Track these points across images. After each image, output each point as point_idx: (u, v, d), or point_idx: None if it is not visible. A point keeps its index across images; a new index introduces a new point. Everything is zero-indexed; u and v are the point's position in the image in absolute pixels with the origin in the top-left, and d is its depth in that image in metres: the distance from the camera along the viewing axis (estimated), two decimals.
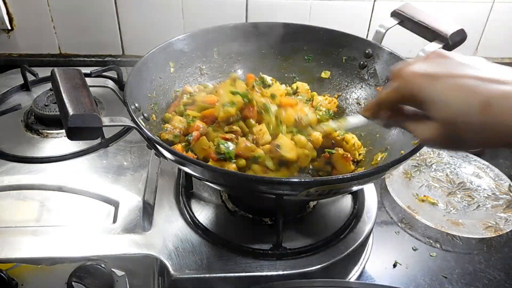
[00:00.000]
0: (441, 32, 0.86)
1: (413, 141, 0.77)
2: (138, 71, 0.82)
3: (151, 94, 0.86)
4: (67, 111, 0.61)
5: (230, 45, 1.01)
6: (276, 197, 0.67)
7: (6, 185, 0.86)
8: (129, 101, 0.74)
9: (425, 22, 0.89)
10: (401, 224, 1.00)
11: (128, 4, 1.26)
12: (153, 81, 0.88)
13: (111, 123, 0.64)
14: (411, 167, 1.15)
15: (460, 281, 0.87)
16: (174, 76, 0.93)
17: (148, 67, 0.86)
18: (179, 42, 0.94)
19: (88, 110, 0.62)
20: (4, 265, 0.72)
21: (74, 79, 0.68)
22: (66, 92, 0.64)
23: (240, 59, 1.02)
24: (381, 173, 0.67)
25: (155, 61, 0.88)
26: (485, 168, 1.15)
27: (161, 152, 0.67)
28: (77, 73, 0.70)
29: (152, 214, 0.82)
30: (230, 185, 0.72)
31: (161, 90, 0.90)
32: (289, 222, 0.82)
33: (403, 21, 0.93)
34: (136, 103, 0.78)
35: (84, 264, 0.72)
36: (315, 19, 1.29)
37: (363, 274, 0.87)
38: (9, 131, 1.02)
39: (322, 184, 0.62)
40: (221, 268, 0.73)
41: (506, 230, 0.96)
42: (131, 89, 0.77)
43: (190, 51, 0.96)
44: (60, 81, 0.67)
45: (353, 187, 0.73)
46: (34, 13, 1.26)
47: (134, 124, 0.67)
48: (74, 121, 0.60)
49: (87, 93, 0.65)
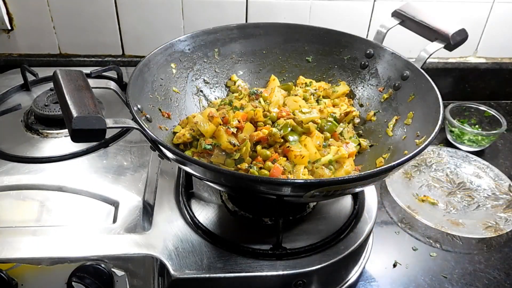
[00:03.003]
0: (443, 32, 0.86)
1: (416, 140, 0.77)
2: (139, 72, 0.82)
3: (153, 95, 0.86)
4: (71, 113, 0.60)
5: (231, 46, 1.01)
6: (277, 198, 0.67)
7: (6, 185, 0.86)
8: (131, 102, 0.73)
9: (426, 22, 0.89)
10: (401, 224, 1.00)
11: (128, 4, 1.26)
12: (154, 82, 0.87)
13: (115, 125, 0.64)
14: (411, 167, 1.15)
15: (460, 281, 0.87)
16: (176, 77, 0.93)
17: (149, 68, 0.86)
18: (180, 43, 0.93)
19: (92, 112, 0.61)
20: (4, 265, 0.72)
21: (76, 81, 0.67)
22: (69, 94, 0.64)
23: (241, 60, 1.02)
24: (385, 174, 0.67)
25: (157, 62, 0.88)
26: (485, 168, 1.15)
27: (165, 153, 0.67)
28: (80, 75, 0.69)
29: (152, 214, 0.82)
30: (231, 185, 0.72)
31: (163, 91, 0.89)
32: (289, 222, 0.82)
33: (404, 21, 0.93)
34: (138, 105, 0.78)
35: (84, 264, 0.72)
36: (315, 19, 1.29)
37: (363, 274, 0.87)
38: (9, 131, 1.02)
39: (324, 186, 0.62)
40: (221, 268, 0.73)
41: (506, 230, 0.96)
42: (133, 90, 0.77)
43: (191, 52, 0.96)
44: (63, 82, 0.66)
45: (356, 188, 0.73)
46: (34, 13, 1.26)
47: (138, 125, 0.67)
48: (78, 123, 0.60)
49: (90, 95, 0.65)
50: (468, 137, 1.21)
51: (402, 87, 0.89)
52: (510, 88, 1.47)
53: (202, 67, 0.99)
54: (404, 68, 0.89)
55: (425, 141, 0.69)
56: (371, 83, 0.96)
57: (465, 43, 0.88)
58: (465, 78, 1.43)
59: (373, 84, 0.96)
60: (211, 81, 1.00)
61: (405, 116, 0.86)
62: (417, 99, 0.85)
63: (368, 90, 0.97)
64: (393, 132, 0.87)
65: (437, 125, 0.72)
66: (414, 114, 0.84)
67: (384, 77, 0.94)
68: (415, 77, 0.86)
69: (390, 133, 0.87)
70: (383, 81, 0.94)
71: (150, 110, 0.83)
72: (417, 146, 0.70)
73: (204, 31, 0.97)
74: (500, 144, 1.29)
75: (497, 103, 1.47)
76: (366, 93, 0.97)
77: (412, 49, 1.19)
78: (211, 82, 1.00)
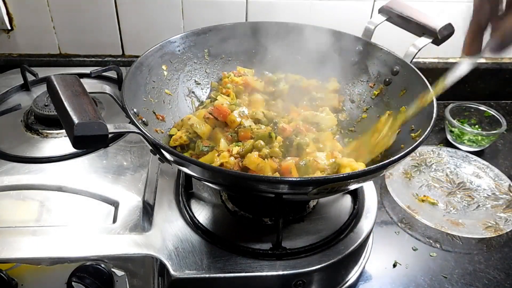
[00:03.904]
0: (430, 27, 0.86)
1: (412, 134, 0.77)
2: (132, 75, 0.82)
3: (146, 98, 0.86)
4: (72, 120, 0.59)
5: (221, 46, 1.01)
6: (275, 196, 0.67)
7: (6, 185, 0.86)
8: (128, 106, 0.73)
9: (413, 17, 0.89)
10: (401, 224, 1.00)
11: (128, 4, 1.26)
12: (147, 84, 0.87)
13: (116, 130, 0.63)
14: (411, 167, 1.15)
15: (460, 281, 0.87)
16: (168, 79, 0.93)
17: (141, 70, 0.86)
18: (170, 45, 0.93)
19: (92, 117, 0.60)
20: (4, 265, 0.72)
21: (73, 86, 0.66)
22: (68, 100, 0.62)
23: (231, 60, 1.02)
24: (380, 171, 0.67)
25: (148, 64, 0.88)
26: (485, 168, 1.15)
27: (166, 156, 0.67)
28: (75, 80, 0.68)
29: (152, 214, 0.82)
30: (228, 184, 0.72)
31: (155, 93, 0.89)
32: (289, 222, 0.82)
33: (391, 17, 0.93)
34: (134, 108, 0.78)
35: (84, 264, 0.72)
36: (315, 19, 1.29)
37: (363, 274, 0.87)
38: (9, 131, 1.02)
39: (321, 184, 0.62)
40: (221, 268, 0.73)
41: (506, 230, 0.96)
42: (127, 94, 0.76)
43: (182, 53, 0.96)
44: (59, 88, 0.65)
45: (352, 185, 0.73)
46: (34, 13, 1.26)
47: (139, 130, 0.66)
48: (80, 130, 0.59)
49: (88, 100, 0.64)
50: (468, 137, 1.21)
51: (393, 82, 0.90)
52: (510, 88, 1.47)
53: (193, 68, 0.99)
54: (394, 63, 0.90)
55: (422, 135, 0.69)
56: (362, 79, 0.97)
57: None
58: (465, 78, 1.41)
59: (364, 80, 0.97)
60: (202, 82, 1.00)
61: (398, 110, 0.86)
62: (408, 93, 0.85)
63: (359, 86, 0.97)
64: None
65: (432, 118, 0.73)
66: (406, 109, 0.84)
67: (375, 73, 0.95)
68: (406, 72, 0.87)
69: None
70: (373, 76, 0.95)
71: (145, 113, 0.83)
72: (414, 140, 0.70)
73: (194, 32, 0.97)
74: (500, 144, 1.29)
75: (497, 103, 1.47)
76: (357, 89, 0.98)
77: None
78: (202, 83, 1.00)
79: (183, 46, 0.96)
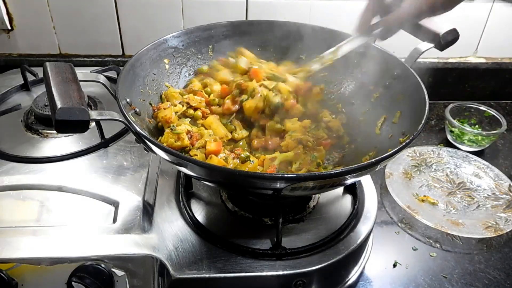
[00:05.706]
0: (433, 32, 0.85)
1: (400, 139, 0.77)
2: (131, 66, 0.83)
3: (144, 90, 0.87)
4: (56, 104, 0.63)
5: (226, 43, 1.01)
6: (273, 193, 0.67)
7: (6, 185, 0.86)
8: (120, 96, 0.74)
9: None
10: (401, 224, 1.00)
11: (128, 4, 1.26)
12: (146, 76, 0.89)
13: (100, 117, 0.66)
14: (411, 167, 1.15)
15: (460, 281, 0.87)
16: (169, 73, 0.95)
17: (142, 63, 0.87)
18: (173, 39, 0.95)
19: (76, 103, 0.63)
20: (4, 265, 0.72)
21: (64, 73, 0.70)
22: (56, 86, 0.66)
23: None
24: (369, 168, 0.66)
25: (150, 57, 0.89)
26: (485, 168, 1.15)
27: (150, 146, 0.68)
28: (68, 67, 0.71)
29: (152, 214, 0.82)
30: (219, 180, 0.73)
31: (155, 86, 0.91)
32: (289, 222, 0.82)
33: None
34: (127, 98, 0.78)
35: (84, 264, 0.72)
36: (315, 19, 1.29)
37: (363, 274, 0.87)
38: (9, 131, 1.02)
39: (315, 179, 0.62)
40: (220, 268, 0.73)
41: (506, 230, 0.96)
42: (122, 84, 0.78)
43: (185, 48, 0.97)
44: (50, 75, 0.68)
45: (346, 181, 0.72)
46: (34, 13, 1.26)
47: (123, 118, 0.68)
48: (62, 114, 0.62)
49: (76, 87, 0.67)
50: (468, 137, 1.21)
51: (392, 86, 0.89)
52: (510, 88, 1.47)
53: (196, 63, 1.00)
54: (395, 67, 0.89)
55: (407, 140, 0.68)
56: (363, 81, 0.96)
57: (465, 43, 0.88)
58: (465, 78, 1.43)
59: (364, 82, 0.96)
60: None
61: (393, 115, 0.86)
62: (405, 98, 0.85)
63: (359, 88, 0.97)
64: (380, 130, 0.87)
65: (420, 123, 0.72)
66: (401, 113, 0.84)
67: (375, 76, 0.94)
68: (405, 76, 0.86)
69: (378, 132, 0.87)
70: (374, 79, 0.94)
71: (140, 104, 0.84)
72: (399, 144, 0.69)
73: (199, 27, 0.98)
74: (500, 144, 1.29)
75: (497, 103, 1.47)
76: (356, 92, 0.97)
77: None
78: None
79: (187, 41, 0.97)
